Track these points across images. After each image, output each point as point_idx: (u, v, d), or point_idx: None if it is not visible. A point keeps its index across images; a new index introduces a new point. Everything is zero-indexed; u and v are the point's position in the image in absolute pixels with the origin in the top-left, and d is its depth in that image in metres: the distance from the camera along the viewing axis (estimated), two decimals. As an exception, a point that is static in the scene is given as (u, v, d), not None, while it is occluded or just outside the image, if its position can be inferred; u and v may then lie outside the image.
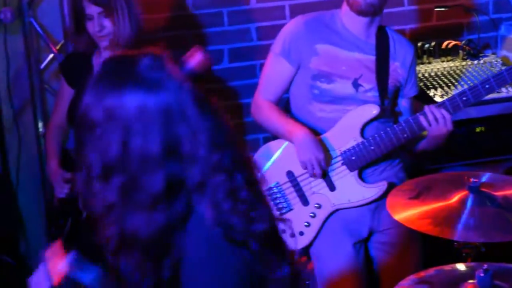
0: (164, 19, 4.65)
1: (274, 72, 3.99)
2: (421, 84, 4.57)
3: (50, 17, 4.52)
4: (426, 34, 4.93)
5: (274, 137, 4.01)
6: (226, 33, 4.76)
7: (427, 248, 4.00)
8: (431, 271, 3.06)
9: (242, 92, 4.81)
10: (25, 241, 4.73)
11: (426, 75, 4.69)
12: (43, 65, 4.62)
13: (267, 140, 4.12)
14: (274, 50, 3.99)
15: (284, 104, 4.08)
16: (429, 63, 4.80)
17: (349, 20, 3.90)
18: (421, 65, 4.75)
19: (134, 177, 2.01)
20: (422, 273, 3.05)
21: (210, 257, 2.04)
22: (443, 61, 4.82)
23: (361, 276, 3.95)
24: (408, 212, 3.30)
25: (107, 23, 3.79)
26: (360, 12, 3.84)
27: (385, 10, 3.91)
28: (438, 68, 4.74)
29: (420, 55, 4.78)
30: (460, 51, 4.81)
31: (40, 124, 4.62)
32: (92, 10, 3.78)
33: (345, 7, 3.90)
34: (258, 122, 4.07)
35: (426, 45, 4.81)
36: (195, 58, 3.42)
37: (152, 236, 2.00)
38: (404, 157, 4.09)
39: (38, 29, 4.50)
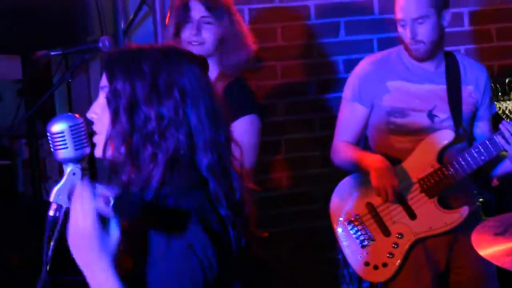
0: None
1: (349, 116, 4.04)
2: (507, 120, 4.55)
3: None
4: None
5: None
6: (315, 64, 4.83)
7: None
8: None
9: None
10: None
11: (514, 111, 4.67)
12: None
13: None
14: (346, 97, 4.05)
15: (363, 143, 4.13)
16: (517, 99, 4.77)
17: None
18: (508, 101, 4.73)
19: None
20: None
21: None
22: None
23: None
24: (493, 248, 3.26)
25: (207, 31, 3.59)
26: (418, 60, 3.89)
27: (473, 46, 3.93)
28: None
29: (507, 91, 4.75)
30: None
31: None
32: (196, 12, 3.60)
33: (397, 24, 3.91)
34: (337, 165, 4.10)
35: (515, 81, 4.79)
36: None
37: None
38: (484, 192, 4.08)
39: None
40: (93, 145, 2.23)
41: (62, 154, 2.18)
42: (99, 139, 2.21)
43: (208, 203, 2.15)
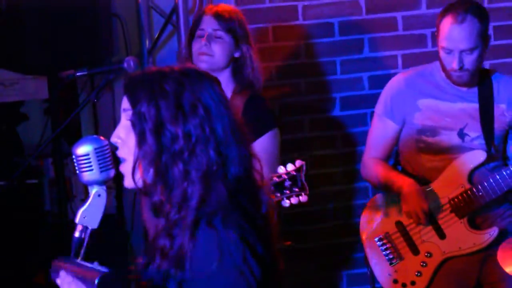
0: (277, 67, 4.76)
1: (380, 132, 4.04)
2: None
3: (168, 63, 4.66)
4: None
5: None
6: (339, 81, 4.84)
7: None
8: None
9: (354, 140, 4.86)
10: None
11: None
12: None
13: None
14: (378, 112, 4.05)
15: (394, 157, 4.13)
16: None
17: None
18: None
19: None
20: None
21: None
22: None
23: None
24: (520, 265, 3.26)
25: (218, 43, 3.65)
26: (459, 85, 3.88)
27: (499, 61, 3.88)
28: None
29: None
30: None
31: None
32: (207, 25, 3.66)
33: (440, 49, 3.88)
34: (368, 181, 4.13)
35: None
36: None
37: None
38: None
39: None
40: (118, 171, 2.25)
41: (87, 176, 2.20)
42: (126, 168, 2.22)
43: (245, 220, 2.16)
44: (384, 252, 3.94)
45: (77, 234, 2.21)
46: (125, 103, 2.23)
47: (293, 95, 4.78)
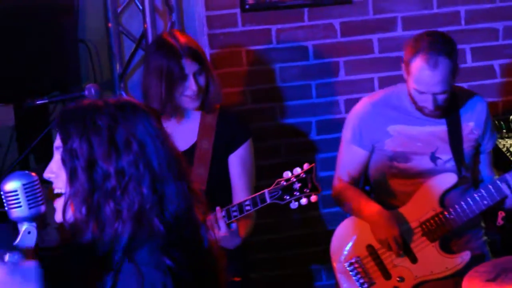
0: (252, 91, 4.71)
1: (349, 158, 4.00)
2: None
3: (139, 89, 4.62)
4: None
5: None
6: (314, 105, 4.78)
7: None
8: None
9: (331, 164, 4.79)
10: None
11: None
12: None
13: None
14: (345, 138, 4.00)
15: (364, 178, 4.07)
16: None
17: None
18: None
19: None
20: None
21: None
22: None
23: None
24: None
25: (201, 80, 3.68)
26: (428, 116, 3.82)
27: (477, 83, 3.82)
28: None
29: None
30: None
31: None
32: (189, 69, 3.65)
33: (411, 86, 3.83)
34: (340, 207, 4.08)
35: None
36: None
37: None
38: (491, 232, 4.00)
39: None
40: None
41: (16, 213, 2.16)
42: (59, 203, 2.17)
43: (181, 256, 2.12)
44: (355, 277, 3.90)
45: (7, 272, 2.14)
46: (57, 140, 2.18)
47: (268, 119, 4.73)
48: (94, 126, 2.12)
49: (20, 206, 2.14)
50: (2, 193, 2.17)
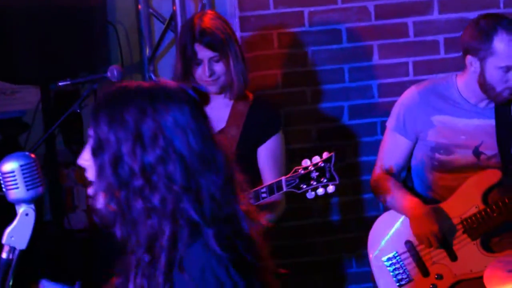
0: (283, 75, 4.64)
1: (392, 147, 3.91)
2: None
3: (169, 71, 4.60)
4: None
5: None
6: (347, 89, 4.71)
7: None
8: None
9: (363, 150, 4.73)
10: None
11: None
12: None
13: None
14: (390, 126, 3.92)
15: (406, 173, 4.00)
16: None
17: (469, 91, 3.77)
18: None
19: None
20: None
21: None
22: None
23: None
24: (505, 286, 3.12)
25: (218, 67, 3.60)
26: (499, 103, 3.72)
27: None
28: None
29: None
30: None
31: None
32: (203, 54, 3.60)
33: (465, 77, 3.75)
34: (376, 197, 4.01)
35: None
36: None
37: None
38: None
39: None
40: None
41: (13, 194, 2.13)
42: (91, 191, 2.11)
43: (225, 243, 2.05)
44: (392, 273, 3.83)
45: (4, 255, 2.12)
46: (90, 129, 2.11)
47: (299, 103, 4.66)
48: (121, 118, 2.03)
49: (17, 188, 2.12)
50: None
